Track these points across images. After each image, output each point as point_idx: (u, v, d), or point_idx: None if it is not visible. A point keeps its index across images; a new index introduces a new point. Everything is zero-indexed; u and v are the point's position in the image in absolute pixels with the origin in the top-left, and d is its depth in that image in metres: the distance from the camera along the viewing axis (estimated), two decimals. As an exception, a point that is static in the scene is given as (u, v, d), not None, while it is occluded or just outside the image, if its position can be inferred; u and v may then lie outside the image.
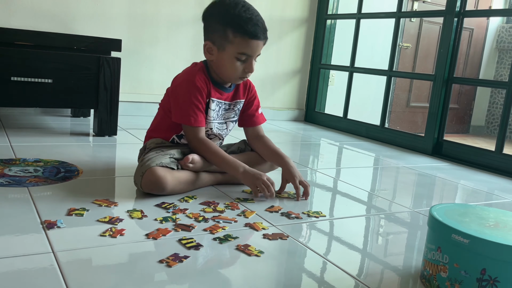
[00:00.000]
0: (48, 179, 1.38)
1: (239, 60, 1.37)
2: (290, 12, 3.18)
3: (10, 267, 0.85)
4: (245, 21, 1.33)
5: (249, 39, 1.34)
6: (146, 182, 1.30)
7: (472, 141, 3.72)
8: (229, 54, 1.36)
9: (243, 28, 1.33)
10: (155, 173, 1.28)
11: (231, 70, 1.40)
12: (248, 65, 1.39)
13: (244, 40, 1.34)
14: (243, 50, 1.35)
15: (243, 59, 1.37)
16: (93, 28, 2.50)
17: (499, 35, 4.32)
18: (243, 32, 1.33)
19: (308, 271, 0.98)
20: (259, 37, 1.36)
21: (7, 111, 2.42)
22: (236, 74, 1.41)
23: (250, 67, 1.39)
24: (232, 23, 1.34)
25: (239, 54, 1.36)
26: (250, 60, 1.38)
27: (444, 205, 1.01)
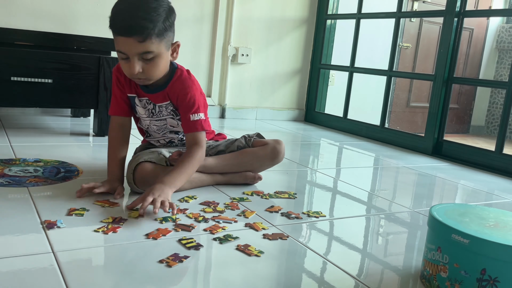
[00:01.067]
0: (48, 179, 1.38)
1: (121, 58, 1.24)
2: (290, 12, 3.18)
3: (10, 267, 0.85)
4: (112, 15, 1.25)
5: (116, 35, 1.22)
6: (139, 177, 1.30)
7: (472, 141, 3.72)
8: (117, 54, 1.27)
9: (111, 24, 1.24)
10: (146, 167, 1.30)
11: (122, 68, 1.29)
12: (130, 64, 1.22)
13: (115, 38, 1.24)
14: (117, 47, 1.24)
15: (123, 57, 1.23)
16: (93, 28, 2.50)
17: (499, 35, 4.32)
18: (111, 28, 1.24)
19: (308, 271, 0.98)
20: (123, 33, 1.20)
21: (7, 111, 2.42)
22: (125, 73, 1.27)
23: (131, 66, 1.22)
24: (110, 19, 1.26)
25: (118, 52, 1.25)
26: (131, 59, 1.22)
27: (444, 205, 1.01)
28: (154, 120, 1.42)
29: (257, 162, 1.53)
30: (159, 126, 1.43)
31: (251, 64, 3.09)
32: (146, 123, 1.44)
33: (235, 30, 2.96)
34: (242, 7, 2.96)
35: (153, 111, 1.40)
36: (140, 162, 1.32)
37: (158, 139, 1.49)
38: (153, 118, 1.41)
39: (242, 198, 1.39)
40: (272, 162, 1.55)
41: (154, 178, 1.27)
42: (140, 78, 1.26)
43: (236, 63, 3.03)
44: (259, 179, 1.54)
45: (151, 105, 1.39)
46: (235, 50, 3.00)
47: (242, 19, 2.98)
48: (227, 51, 2.95)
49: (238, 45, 3.00)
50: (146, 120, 1.43)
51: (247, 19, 3.01)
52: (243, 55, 3.01)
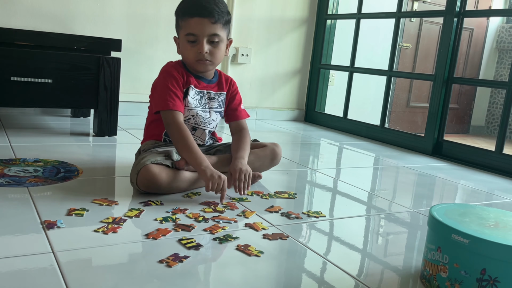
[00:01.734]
0: (48, 179, 1.38)
1: (189, 42, 1.41)
2: (290, 12, 3.18)
3: (10, 267, 0.85)
4: (187, 3, 1.42)
5: (189, 18, 1.39)
6: (141, 180, 1.30)
7: (472, 141, 3.72)
8: (182, 40, 1.43)
9: (183, 10, 1.41)
10: (150, 171, 1.29)
11: (187, 55, 1.44)
12: (198, 45, 1.40)
13: (186, 21, 1.39)
14: (187, 30, 1.39)
15: (192, 39, 1.40)
16: (93, 28, 2.51)
17: (499, 35, 4.32)
18: (183, 13, 1.41)
19: (308, 271, 0.98)
20: (200, 14, 1.38)
21: (7, 111, 2.42)
22: (191, 57, 1.43)
23: (200, 47, 1.40)
24: (179, 11, 1.43)
25: (187, 36, 1.40)
26: (200, 41, 1.40)
27: (444, 205, 1.01)
28: (200, 110, 1.50)
29: (257, 162, 1.56)
30: (204, 118, 1.51)
31: (251, 64, 3.09)
32: (191, 114, 1.48)
33: (235, 30, 2.96)
34: (242, 7, 2.96)
35: (200, 101, 1.50)
36: (145, 164, 1.31)
37: None
38: (199, 108, 1.50)
39: (241, 198, 1.39)
40: (271, 163, 1.62)
41: (157, 182, 1.29)
42: (206, 59, 1.42)
43: (236, 63, 3.03)
44: (259, 178, 1.54)
45: (199, 96, 1.50)
46: (235, 50, 3.00)
47: (242, 19, 2.99)
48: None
49: (238, 45, 3.01)
50: (193, 110, 1.48)
51: (247, 19, 3.01)
52: (243, 55, 3.01)
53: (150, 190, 1.31)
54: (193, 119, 1.49)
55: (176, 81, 1.43)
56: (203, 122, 1.52)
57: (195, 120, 1.49)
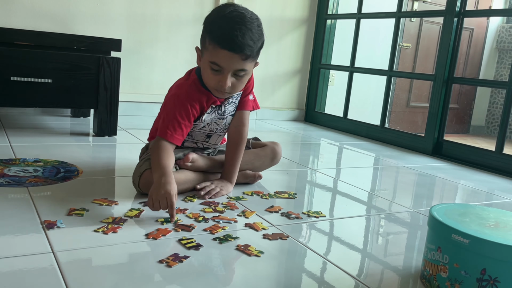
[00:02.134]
0: (48, 179, 1.38)
1: (212, 69, 1.27)
2: (290, 12, 3.17)
3: (10, 267, 0.85)
4: (222, 29, 1.23)
5: (220, 48, 1.22)
6: (144, 183, 1.31)
7: (472, 141, 3.72)
8: (205, 61, 1.28)
9: (217, 36, 1.23)
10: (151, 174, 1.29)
11: (207, 79, 1.31)
12: (222, 77, 1.26)
13: (215, 49, 1.23)
14: (213, 59, 1.24)
15: (216, 69, 1.26)
16: (93, 28, 2.50)
17: (499, 35, 4.32)
18: (216, 40, 1.23)
19: (308, 271, 0.98)
20: (231, 49, 1.22)
21: (7, 111, 2.42)
22: (211, 84, 1.31)
23: (223, 81, 1.26)
24: (210, 30, 1.25)
25: (211, 63, 1.25)
26: (224, 73, 1.26)
27: (444, 205, 1.01)
28: (217, 118, 1.43)
29: (258, 161, 1.56)
30: (219, 125, 1.45)
31: (251, 64, 3.08)
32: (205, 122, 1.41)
33: (235, 30, 2.96)
34: (242, 7, 2.96)
35: (219, 111, 1.42)
36: (148, 168, 1.31)
37: (196, 141, 1.49)
38: (217, 117, 1.42)
39: (238, 197, 1.39)
40: (271, 162, 1.61)
41: None
42: (226, 92, 1.30)
43: (236, 63, 3.02)
44: (259, 178, 1.55)
45: (217, 107, 1.41)
46: (235, 50, 2.99)
47: (242, 19, 2.98)
48: (227, 51, 2.95)
49: (238, 45, 3.00)
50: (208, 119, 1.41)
51: (247, 19, 3.00)
52: (243, 55, 3.00)
53: None
54: (208, 127, 1.44)
55: (185, 112, 1.33)
56: (218, 129, 1.47)
57: (209, 127, 1.45)
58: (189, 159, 1.38)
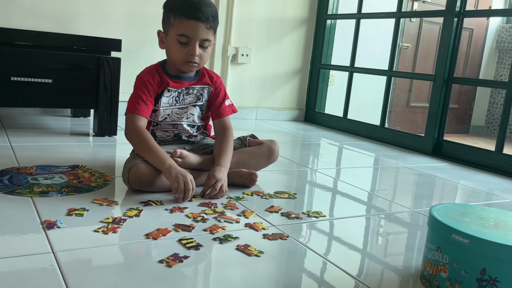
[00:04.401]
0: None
1: (180, 43, 1.39)
2: (290, 12, 3.18)
3: (10, 267, 0.85)
4: (184, 3, 1.39)
5: (186, 19, 1.37)
6: (132, 178, 1.31)
7: (472, 141, 3.72)
8: (172, 38, 1.41)
9: (180, 9, 1.38)
10: (140, 169, 1.30)
11: (175, 54, 1.42)
12: (190, 48, 1.39)
13: (181, 21, 1.38)
14: (181, 31, 1.38)
15: (184, 41, 1.39)
16: (93, 28, 2.50)
17: (499, 35, 4.32)
18: (180, 13, 1.38)
19: (308, 271, 0.98)
20: (197, 18, 1.37)
21: (7, 111, 2.42)
22: (179, 57, 1.42)
23: (192, 50, 1.39)
24: (173, 7, 1.41)
25: (179, 36, 1.39)
26: (192, 43, 1.39)
27: (444, 205, 1.01)
28: (176, 108, 1.50)
29: (254, 160, 1.55)
30: (180, 115, 1.51)
31: (251, 64, 3.08)
32: (166, 113, 1.48)
33: (235, 30, 2.96)
34: (242, 7, 2.96)
35: (177, 98, 1.50)
36: (137, 163, 1.32)
37: (166, 130, 1.51)
38: (176, 106, 1.49)
39: (238, 197, 1.39)
40: (267, 160, 1.60)
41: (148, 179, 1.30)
42: (195, 62, 1.42)
43: (236, 63, 3.03)
44: (255, 176, 1.52)
45: (175, 93, 1.49)
46: (235, 50, 3.00)
47: (242, 19, 2.98)
48: (227, 51, 2.95)
49: (238, 45, 3.00)
50: (168, 109, 1.48)
51: (247, 19, 3.01)
52: (243, 55, 3.01)
53: (141, 188, 1.33)
54: (169, 117, 1.49)
55: (145, 87, 1.43)
56: (180, 118, 1.50)
57: (171, 118, 1.50)
58: (177, 153, 1.38)
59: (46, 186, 1.31)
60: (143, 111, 1.41)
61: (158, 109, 1.47)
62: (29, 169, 1.45)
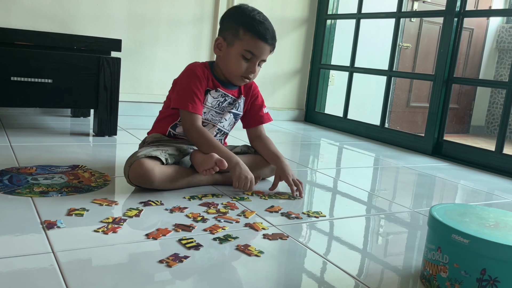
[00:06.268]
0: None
1: (244, 58, 1.43)
2: (290, 12, 3.18)
3: (10, 267, 0.85)
4: (258, 23, 1.42)
5: (258, 39, 1.42)
6: (133, 174, 1.31)
7: (472, 141, 3.72)
8: (237, 50, 1.43)
9: (254, 28, 1.42)
10: (142, 165, 1.30)
11: (235, 66, 1.45)
12: (251, 65, 1.45)
13: (252, 39, 1.41)
14: (249, 48, 1.42)
15: (248, 57, 1.43)
16: (93, 28, 2.50)
17: (499, 35, 4.32)
18: (254, 31, 1.41)
19: (308, 271, 0.98)
20: (267, 40, 1.43)
21: (7, 111, 2.42)
22: (238, 71, 1.45)
23: (253, 68, 1.45)
24: (245, 23, 1.42)
25: (246, 52, 1.42)
26: (254, 61, 1.45)
27: (444, 205, 1.01)
28: (214, 111, 1.52)
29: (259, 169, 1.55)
30: (214, 117, 1.54)
31: (251, 64, 3.08)
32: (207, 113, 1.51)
33: (235, 30, 2.96)
34: (242, 7, 2.96)
35: (221, 100, 1.53)
36: (138, 159, 1.32)
37: None
38: (216, 109, 1.53)
39: (242, 197, 1.39)
40: (270, 173, 1.61)
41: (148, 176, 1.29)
42: (249, 78, 1.49)
43: (236, 63, 3.02)
44: (258, 179, 1.53)
45: (222, 98, 1.52)
46: (235, 50, 2.99)
47: (242, 19, 2.98)
48: (227, 51, 2.95)
49: (238, 45, 3.00)
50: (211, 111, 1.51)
51: (247, 19, 3.01)
52: (243, 55, 3.00)
53: (142, 185, 1.32)
54: (204, 115, 1.51)
55: (199, 82, 1.46)
56: (213, 119, 1.54)
57: (205, 116, 1.52)
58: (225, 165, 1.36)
59: (46, 186, 1.31)
60: (199, 109, 1.45)
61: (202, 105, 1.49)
62: (29, 169, 1.45)
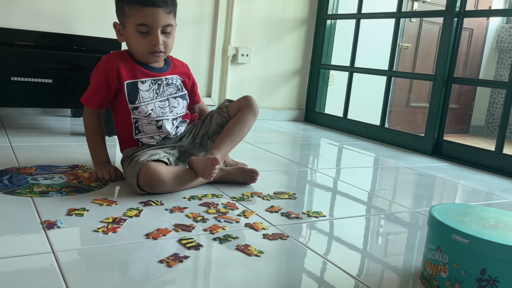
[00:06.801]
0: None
1: (141, 32, 1.32)
2: (290, 12, 3.18)
3: (10, 267, 0.85)
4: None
5: (142, 7, 1.29)
6: (143, 179, 1.28)
7: (472, 141, 3.72)
8: (130, 29, 1.33)
9: None
10: (149, 168, 1.27)
11: (136, 46, 1.36)
12: (153, 37, 1.32)
13: (137, 10, 1.30)
14: (139, 21, 1.31)
15: (144, 30, 1.32)
16: (93, 28, 2.50)
17: (499, 35, 4.32)
18: (134, 1, 1.30)
19: (308, 271, 0.98)
20: (154, 4, 1.29)
21: (7, 111, 2.41)
22: (142, 49, 1.35)
23: (155, 39, 1.32)
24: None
25: (138, 26, 1.32)
26: (154, 32, 1.32)
27: (444, 205, 1.01)
28: (158, 101, 1.42)
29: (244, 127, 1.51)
30: (163, 108, 1.43)
31: (251, 64, 3.08)
32: (149, 108, 1.40)
33: (235, 30, 2.96)
34: (242, 7, 2.96)
35: (157, 91, 1.42)
36: (144, 164, 1.29)
37: (152, 135, 1.43)
38: (157, 99, 1.42)
39: (242, 197, 1.39)
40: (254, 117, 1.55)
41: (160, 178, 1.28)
42: (160, 51, 1.35)
43: (236, 63, 3.03)
44: (257, 174, 1.52)
45: (156, 85, 1.42)
46: (235, 50, 2.99)
47: (242, 19, 2.98)
48: (227, 51, 2.95)
49: (238, 45, 3.00)
50: (150, 104, 1.40)
51: (247, 19, 3.01)
52: (243, 55, 3.01)
53: (153, 189, 1.30)
54: (153, 112, 1.41)
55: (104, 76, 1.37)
56: (164, 113, 1.43)
57: (155, 113, 1.41)
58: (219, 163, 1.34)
59: (46, 186, 1.31)
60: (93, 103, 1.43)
61: (139, 105, 1.39)
62: (28, 169, 1.45)
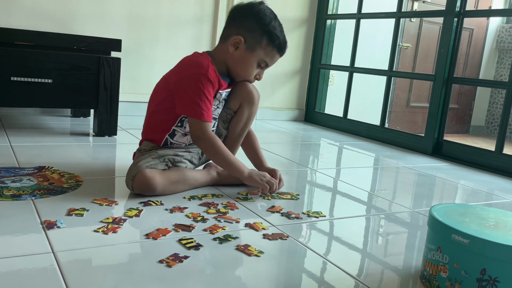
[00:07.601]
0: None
1: (259, 65, 1.47)
2: (290, 12, 3.18)
3: (10, 267, 0.85)
4: (279, 38, 1.44)
5: (277, 52, 1.47)
6: (136, 185, 1.30)
7: (472, 141, 3.72)
8: (255, 57, 1.44)
9: (276, 43, 1.44)
10: (144, 176, 1.29)
11: (248, 71, 1.47)
12: (261, 72, 1.50)
13: (273, 52, 1.46)
14: (267, 59, 1.46)
15: (262, 65, 1.47)
16: (93, 28, 2.50)
17: (499, 35, 4.32)
18: (276, 46, 1.45)
19: (308, 271, 0.98)
20: (283, 54, 1.50)
21: (7, 111, 2.42)
22: (248, 76, 1.48)
23: (261, 75, 1.51)
24: (270, 34, 1.42)
25: (262, 61, 1.46)
26: (264, 69, 1.50)
27: (444, 205, 1.01)
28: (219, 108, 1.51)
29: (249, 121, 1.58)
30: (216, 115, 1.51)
31: (251, 64, 3.08)
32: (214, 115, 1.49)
33: (235, 30, 2.96)
34: (242, 7, 2.96)
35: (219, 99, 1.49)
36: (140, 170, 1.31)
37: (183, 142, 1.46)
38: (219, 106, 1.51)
39: (246, 198, 1.39)
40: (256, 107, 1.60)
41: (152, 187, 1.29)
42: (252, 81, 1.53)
43: (236, 63, 3.02)
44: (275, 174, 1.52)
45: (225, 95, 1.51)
46: (235, 50, 2.99)
47: (242, 19, 2.98)
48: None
49: (238, 45, 3.00)
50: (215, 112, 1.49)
51: (247, 19, 3.01)
52: (243, 55, 3.00)
53: (145, 193, 1.32)
54: None
55: (212, 87, 1.37)
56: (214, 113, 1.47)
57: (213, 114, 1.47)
58: None
59: (16, 189, 1.26)
60: (210, 117, 1.39)
61: None
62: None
